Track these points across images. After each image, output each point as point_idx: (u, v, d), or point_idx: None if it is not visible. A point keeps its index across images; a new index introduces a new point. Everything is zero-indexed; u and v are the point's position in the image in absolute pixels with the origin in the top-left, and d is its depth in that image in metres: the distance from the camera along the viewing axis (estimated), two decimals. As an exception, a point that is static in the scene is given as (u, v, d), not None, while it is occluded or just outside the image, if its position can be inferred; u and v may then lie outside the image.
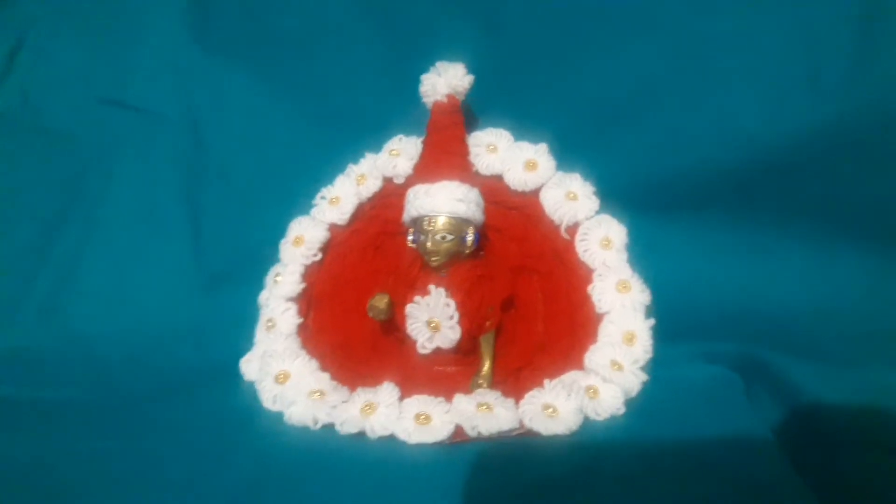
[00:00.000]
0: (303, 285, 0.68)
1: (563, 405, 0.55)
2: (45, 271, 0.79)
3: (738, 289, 0.64)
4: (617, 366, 0.59)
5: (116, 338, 0.75)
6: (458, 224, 0.59)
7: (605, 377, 0.58)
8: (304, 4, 0.73)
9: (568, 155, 0.66)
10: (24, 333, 0.77)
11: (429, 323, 0.59)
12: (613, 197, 0.65)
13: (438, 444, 0.53)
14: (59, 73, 0.81)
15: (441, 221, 0.59)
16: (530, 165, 0.65)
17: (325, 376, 0.61)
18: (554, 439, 0.53)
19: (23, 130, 0.82)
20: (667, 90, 0.62)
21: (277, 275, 0.69)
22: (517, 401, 0.56)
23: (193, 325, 0.75)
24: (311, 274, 0.69)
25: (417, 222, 0.60)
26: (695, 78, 0.61)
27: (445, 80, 0.62)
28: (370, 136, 0.71)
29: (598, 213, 0.64)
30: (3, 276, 0.79)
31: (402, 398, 0.57)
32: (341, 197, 0.70)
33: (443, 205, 0.59)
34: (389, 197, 0.69)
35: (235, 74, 0.77)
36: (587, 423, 0.55)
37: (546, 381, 0.57)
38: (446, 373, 0.62)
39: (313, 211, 0.71)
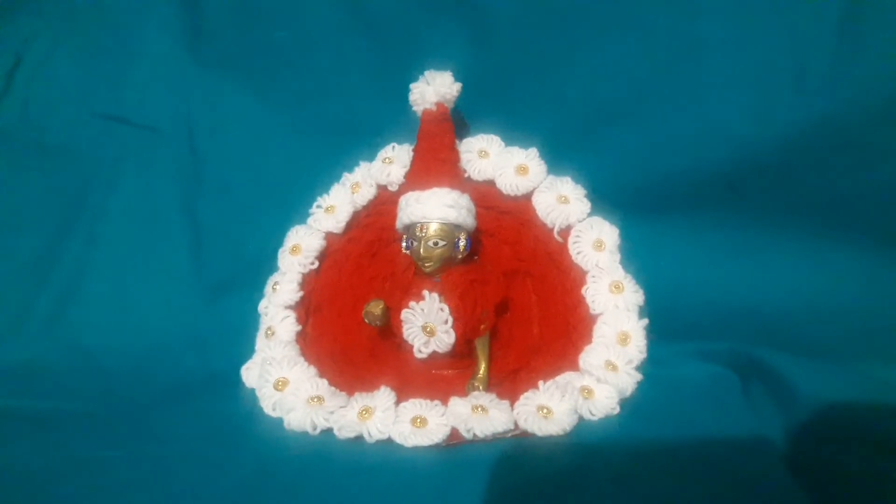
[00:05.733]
0: (301, 293, 0.69)
1: (557, 406, 0.55)
2: (48, 285, 0.80)
3: (732, 287, 0.64)
4: (611, 366, 0.59)
5: (119, 348, 0.76)
6: (450, 230, 0.60)
7: (600, 377, 0.58)
8: (296, 17, 0.74)
9: (558, 158, 0.67)
10: (28, 346, 0.77)
11: (424, 328, 0.59)
12: (605, 199, 0.65)
13: (434, 447, 0.53)
14: (58, 90, 0.82)
15: (433, 228, 0.59)
16: (521, 170, 0.66)
17: (324, 382, 0.61)
18: (549, 440, 0.53)
19: (23, 146, 0.82)
20: (655, 92, 0.62)
21: (276, 283, 0.70)
22: (514, 402, 0.56)
23: (195, 334, 0.76)
24: (309, 282, 0.70)
25: (410, 229, 0.61)
26: (682, 80, 0.61)
27: (434, 89, 0.62)
28: (364, 144, 0.72)
29: (589, 215, 0.65)
30: (7, 289, 0.80)
31: (398, 402, 0.57)
32: (336, 205, 0.71)
33: (433, 211, 0.60)
34: (384, 204, 0.69)
35: (230, 87, 0.78)
36: (582, 423, 0.55)
37: (540, 383, 0.57)
38: (443, 376, 0.62)
39: (310, 220, 0.72)
